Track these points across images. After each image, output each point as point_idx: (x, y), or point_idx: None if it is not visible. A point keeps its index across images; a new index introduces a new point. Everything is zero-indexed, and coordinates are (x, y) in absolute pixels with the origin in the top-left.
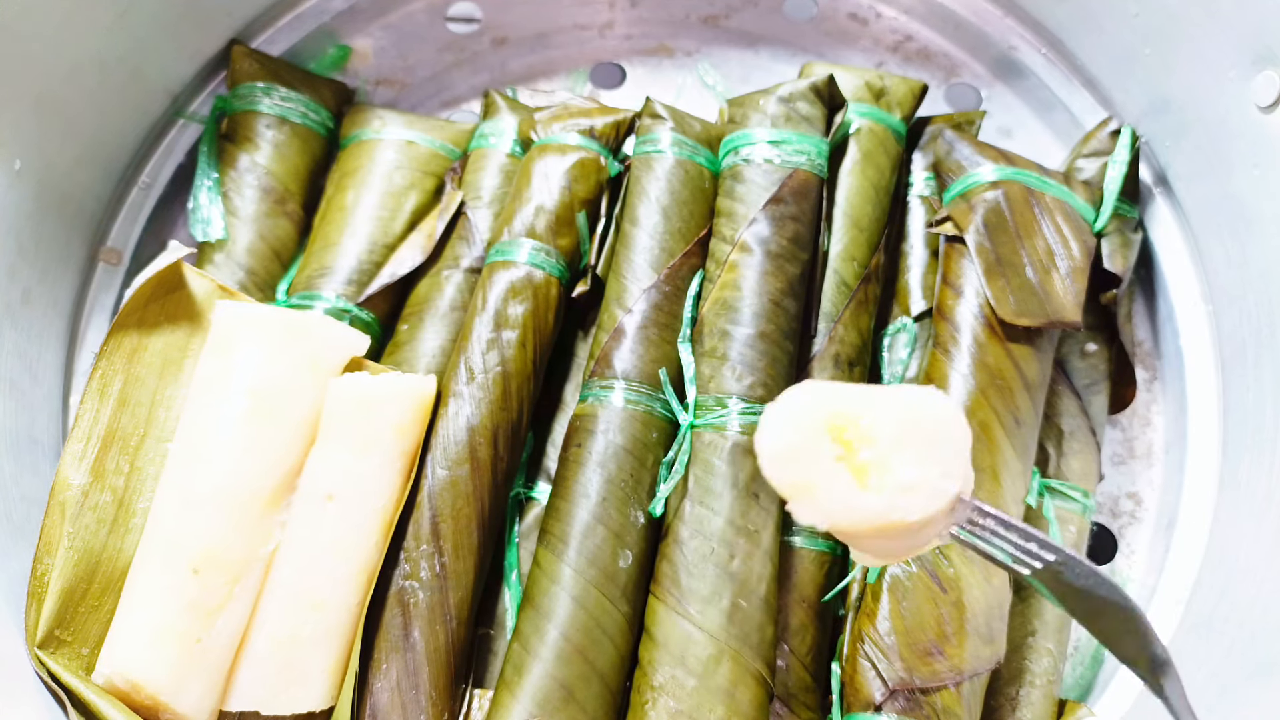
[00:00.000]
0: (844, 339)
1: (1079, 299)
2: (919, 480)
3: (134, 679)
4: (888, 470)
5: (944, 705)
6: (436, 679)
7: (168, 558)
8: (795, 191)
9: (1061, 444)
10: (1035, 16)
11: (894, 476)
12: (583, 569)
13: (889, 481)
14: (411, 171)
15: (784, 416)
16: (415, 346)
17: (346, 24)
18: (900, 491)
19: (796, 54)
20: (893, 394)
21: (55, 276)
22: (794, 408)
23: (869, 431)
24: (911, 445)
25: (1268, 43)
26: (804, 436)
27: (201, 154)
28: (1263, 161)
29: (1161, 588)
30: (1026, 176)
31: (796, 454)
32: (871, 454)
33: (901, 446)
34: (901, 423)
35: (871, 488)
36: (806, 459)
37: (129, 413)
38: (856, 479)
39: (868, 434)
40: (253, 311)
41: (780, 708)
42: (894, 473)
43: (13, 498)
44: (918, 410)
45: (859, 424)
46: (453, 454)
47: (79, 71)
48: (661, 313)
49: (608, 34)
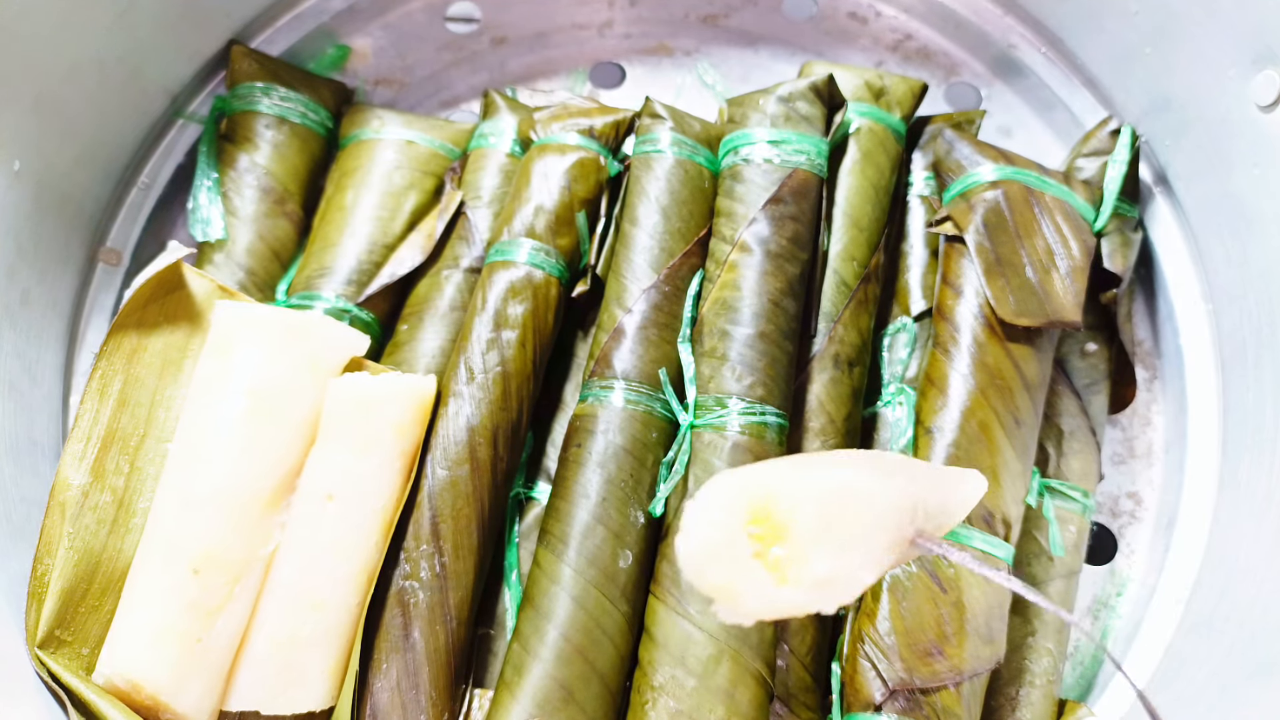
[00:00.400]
0: (844, 339)
1: (1079, 299)
2: (835, 573)
3: (134, 679)
4: (805, 564)
5: (944, 705)
6: (436, 679)
7: (168, 558)
8: (795, 191)
9: (1061, 444)
10: (1035, 16)
11: (811, 570)
12: (583, 569)
13: (807, 575)
14: (411, 171)
15: (701, 518)
16: (415, 346)
17: (346, 24)
18: (817, 585)
19: (796, 53)
20: (814, 478)
21: (55, 277)
22: (710, 507)
23: (786, 525)
24: (831, 536)
25: (1268, 42)
26: (721, 537)
27: (201, 154)
28: (1263, 161)
29: (1161, 588)
30: (1026, 176)
31: (715, 556)
32: (786, 549)
33: (820, 538)
34: (820, 513)
35: (791, 581)
36: (725, 560)
37: (129, 413)
38: (774, 575)
39: (784, 527)
40: (252, 311)
41: (780, 708)
42: (811, 566)
43: (13, 498)
44: (841, 498)
45: (775, 518)
46: (453, 454)
47: (79, 71)
48: (661, 313)
49: (607, 33)
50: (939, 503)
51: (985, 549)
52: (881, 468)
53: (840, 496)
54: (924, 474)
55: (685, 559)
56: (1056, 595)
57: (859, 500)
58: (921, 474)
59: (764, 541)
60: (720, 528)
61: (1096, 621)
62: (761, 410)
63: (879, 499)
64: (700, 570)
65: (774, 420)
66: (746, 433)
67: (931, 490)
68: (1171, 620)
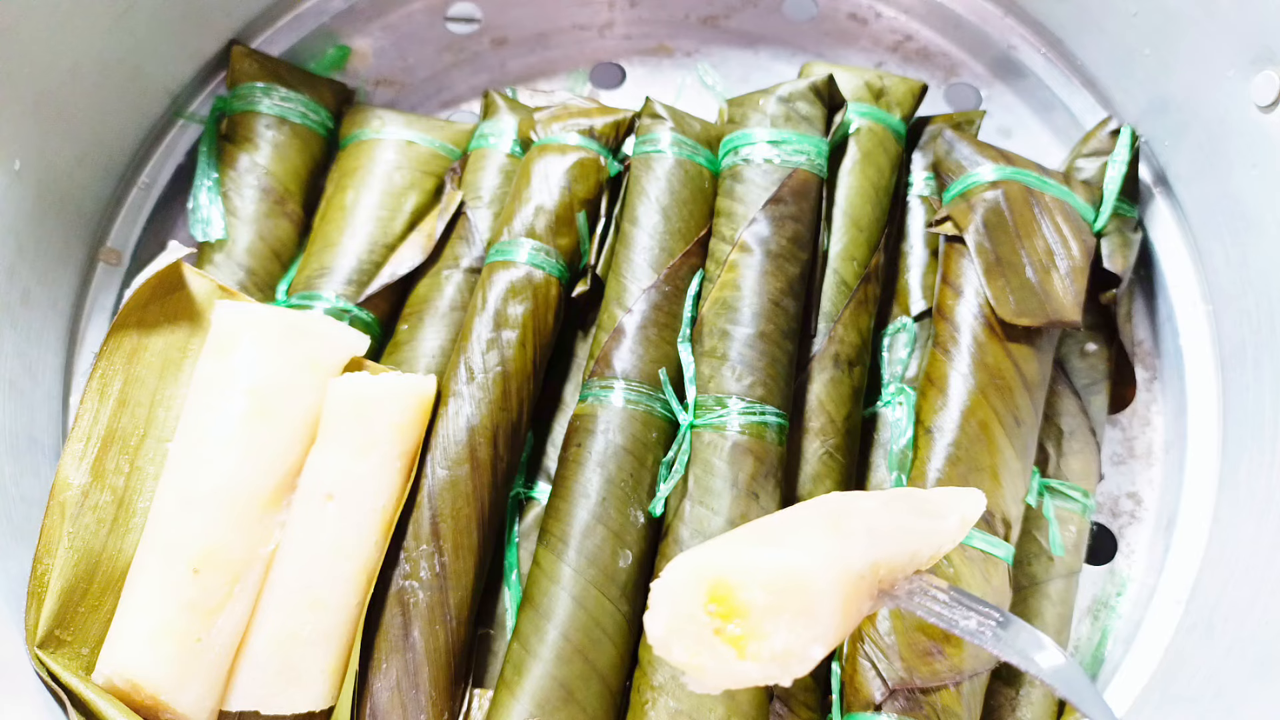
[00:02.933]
0: (844, 339)
1: (1079, 299)
2: (789, 648)
3: (134, 679)
4: (762, 639)
5: (944, 705)
6: (436, 679)
7: (167, 557)
8: (795, 191)
9: (1061, 444)
10: (1035, 16)
11: (768, 645)
12: (583, 569)
13: (764, 650)
14: (411, 171)
15: (664, 599)
16: (415, 346)
17: (346, 24)
18: (774, 660)
19: (796, 54)
20: (764, 558)
21: (55, 277)
22: (671, 587)
23: (741, 603)
24: (783, 613)
25: (1267, 42)
26: (684, 617)
27: (201, 154)
28: (1262, 161)
29: (1161, 588)
30: (1026, 176)
31: (680, 635)
32: (743, 626)
33: (774, 615)
34: (773, 591)
35: (750, 656)
36: (689, 638)
37: (129, 413)
38: (736, 650)
39: (739, 606)
40: (253, 311)
41: (780, 708)
42: (768, 641)
43: (12, 498)
44: (789, 578)
45: (731, 597)
46: (453, 454)
47: (79, 72)
48: (661, 313)
49: (607, 34)
50: (927, 530)
51: (985, 549)
52: (840, 529)
53: (788, 577)
54: (907, 508)
55: (653, 637)
56: (1056, 595)
57: (806, 580)
58: (904, 508)
59: (723, 619)
60: (682, 607)
61: (1096, 621)
62: (761, 410)
63: (826, 575)
64: (667, 647)
65: (774, 420)
66: (746, 432)
67: (912, 524)
68: (1171, 620)
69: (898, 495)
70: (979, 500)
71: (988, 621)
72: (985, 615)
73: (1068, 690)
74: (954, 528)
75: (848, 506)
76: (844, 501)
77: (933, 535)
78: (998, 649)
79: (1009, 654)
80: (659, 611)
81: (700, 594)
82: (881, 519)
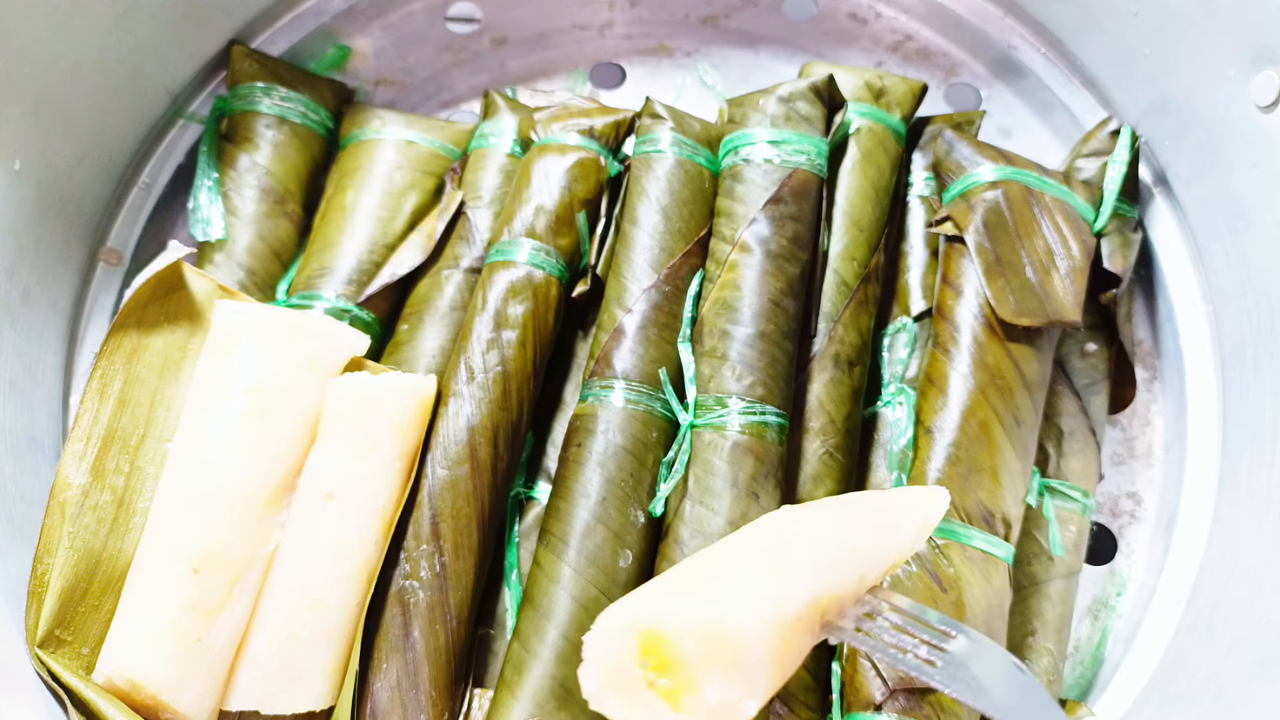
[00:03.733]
0: (844, 339)
1: (1079, 299)
2: (724, 703)
3: (134, 678)
4: (695, 693)
5: (944, 705)
6: (436, 679)
7: (168, 557)
8: (795, 191)
9: (1061, 444)
10: (1035, 16)
11: (702, 699)
12: (583, 569)
13: (699, 705)
14: (411, 171)
15: (596, 650)
16: (415, 346)
17: (346, 24)
18: (708, 714)
19: (796, 54)
20: (692, 611)
21: (55, 277)
22: (603, 639)
23: (673, 656)
24: (715, 665)
25: (1267, 43)
26: (618, 669)
27: (201, 154)
28: (1262, 161)
29: (1161, 588)
30: (1026, 176)
31: (615, 688)
32: (675, 679)
33: (705, 667)
34: (703, 643)
35: (685, 710)
36: (624, 691)
37: (129, 413)
38: (670, 704)
39: (672, 659)
40: (253, 311)
41: (780, 707)
42: (702, 695)
43: (13, 498)
44: (717, 629)
45: (664, 648)
46: (453, 454)
47: (80, 72)
48: (661, 313)
49: (608, 34)
50: (878, 546)
51: (985, 549)
52: (776, 568)
53: (716, 628)
54: (859, 523)
55: (587, 691)
56: (1056, 595)
57: (734, 631)
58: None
59: (656, 671)
60: (615, 659)
61: (1096, 621)
62: (761, 410)
63: (755, 624)
64: (601, 700)
65: (774, 420)
66: (746, 432)
67: (862, 543)
68: (1171, 620)
69: (853, 505)
70: (941, 500)
71: (938, 648)
72: (940, 635)
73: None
74: (910, 537)
75: (789, 537)
76: (786, 530)
77: (886, 551)
78: (944, 684)
79: (958, 689)
80: (592, 664)
81: (632, 645)
82: (825, 545)
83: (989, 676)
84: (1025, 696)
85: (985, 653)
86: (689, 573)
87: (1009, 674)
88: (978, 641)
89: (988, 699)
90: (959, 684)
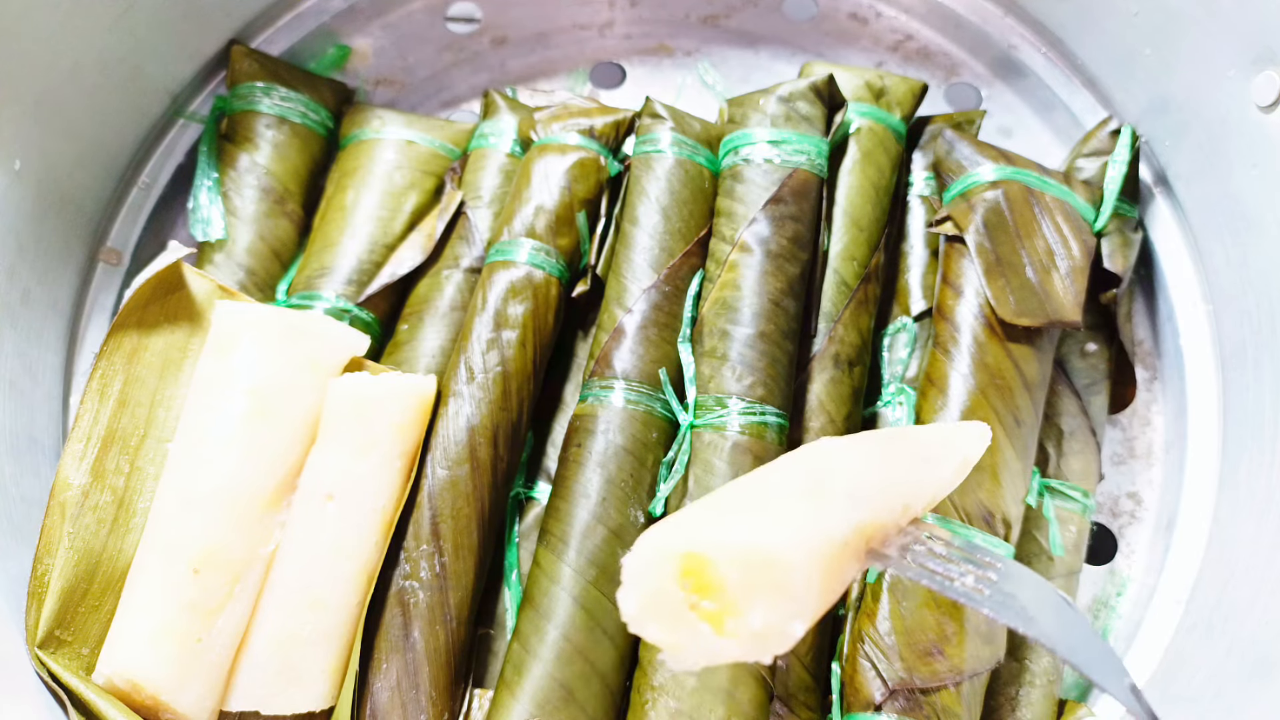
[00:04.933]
0: (844, 339)
1: (1079, 299)
2: (769, 626)
3: (134, 679)
4: (739, 616)
5: (944, 705)
6: (436, 679)
7: (168, 558)
8: (795, 191)
9: (1061, 444)
10: (1035, 16)
11: (746, 623)
12: (583, 569)
13: (743, 628)
14: (411, 171)
15: (635, 573)
16: (415, 346)
17: (346, 24)
18: (753, 638)
19: (796, 54)
20: (735, 531)
21: (55, 277)
22: (642, 562)
23: (713, 579)
24: (759, 590)
25: (1268, 42)
26: (657, 592)
27: (201, 154)
28: (1262, 161)
29: (1161, 588)
30: (1026, 176)
31: (655, 611)
32: (719, 602)
33: (749, 592)
34: (746, 568)
35: (728, 633)
36: (664, 615)
37: (129, 413)
38: (713, 626)
39: (712, 582)
40: (253, 311)
41: (780, 708)
42: (746, 619)
43: (13, 498)
44: (761, 554)
45: (704, 572)
46: (453, 454)
47: (80, 72)
48: (661, 313)
49: (608, 34)
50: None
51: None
52: (819, 494)
53: (760, 553)
54: (899, 455)
55: (626, 614)
56: None
57: (779, 556)
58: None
59: (698, 594)
60: (654, 582)
61: (1096, 621)
62: (762, 410)
63: (800, 550)
64: (642, 624)
65: (774, 420)
66: (747, 432)
67: (903, 475)
68: (1171, 620)
69: (893, 438)
70: (983, 434)
71: (985, 577)
72: (985, 566)
73: (1074, 655)
74: (952, 472)
75: (830, 464)
76: (827, 457)
77: (927, 484)
78: (994, 611)
79: (1008, 616)
80: (631, 587)
81: (673, 568)
82: (867, 476)
83: (1036, 606)
84: (1073, 628)
85: (1032, 584)
86: (731, 497)
87: (1057, 606)
88: (1023, 575)
89: (1038, 627)
90: (1009, 611)
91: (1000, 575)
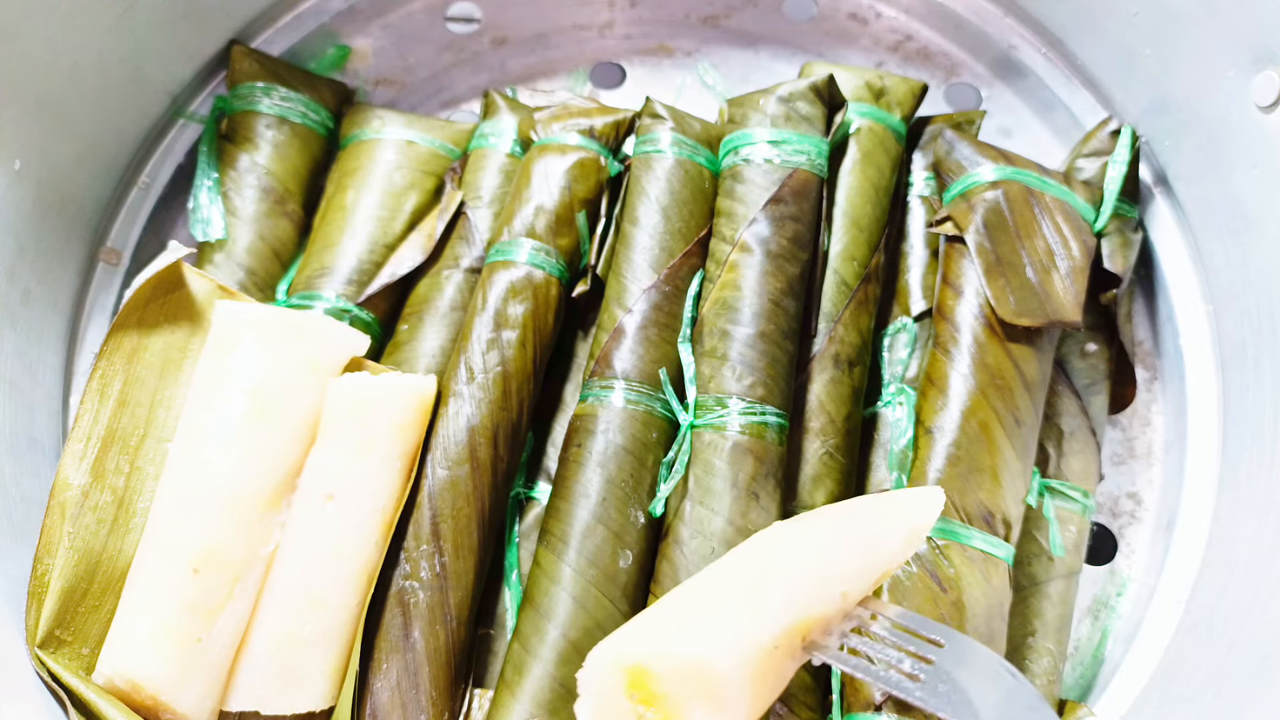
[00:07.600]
0: (844, 339)
1: (1079, 299)
2: None
3: (134, 679)
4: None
5: None
6: (436, 679)
7: (168, 558)
8: (795, 191)
9: (1061, 444)
10: (1035, 16)
11: None
12: (583, 569)
13: None
14: (411, 171)
15: (588, 684)
16: (415, 346)
17: (346, 24)
18: None
19: (796, 54)
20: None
21: (55, 277)
22: (594, 674)
23: (659, 690)
24: (695, 700)
25: (1268, 43)
26: (609, 703)
27: (201, 154)
28: (1262, 161)
29: (1161, 588)
30: (1026, 176)
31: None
32: (660, 712)
33: (688, 702)
34: (682, 679)
35: None
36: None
37: (129, 413)
38: None
39: (657, 692)
40: (253, 311)
41: (780, 708)
42: None
43: (12, 498)
44: (695, 665)
45: (649, 684)
46: (453, 454)
47: (80, 72)
48: (661, 313)
49: (608, 34)
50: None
51: (985, 549)
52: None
53: (694, 664)
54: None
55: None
56: (1056, 595)
57: (710, 667)
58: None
59: (643, 705)
60: (607, 694)
61: (1096, 621)
62: (762, 410)
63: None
64: None
65: (774, 420)
66: (747, 432)
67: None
68: (1171, 620)
69: (842, 521)
70: (936, 502)
71: (924, 658)
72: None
73: None
74: (900, 544)
75: (771, 561)
76: (769, 554)
77: (872, 565)
78: (923, 702)
79: (937, 705)
80: (587, 698)
81: (620, 680)
82: (808, 570)
83: (975, 684)
84: (1012, 701)
85: (974, 658)
86: (672, 607)
87: (997, 679)
88: (966, 647)
89: (968, 710)
90: (939, 699)
91: (942, 654)
